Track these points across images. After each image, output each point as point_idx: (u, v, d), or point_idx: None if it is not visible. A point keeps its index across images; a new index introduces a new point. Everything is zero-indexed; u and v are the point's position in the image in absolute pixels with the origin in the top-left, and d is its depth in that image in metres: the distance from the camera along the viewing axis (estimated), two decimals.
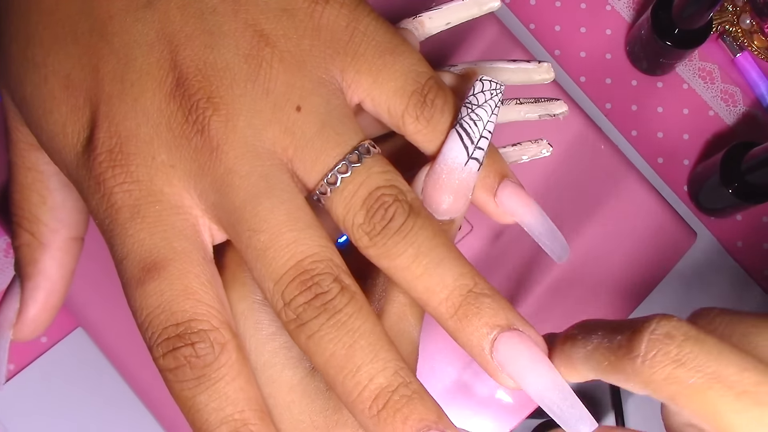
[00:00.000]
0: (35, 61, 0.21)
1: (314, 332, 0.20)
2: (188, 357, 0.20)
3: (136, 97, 0.21)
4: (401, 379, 0.20)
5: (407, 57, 0.22)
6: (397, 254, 0.21)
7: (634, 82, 0.54)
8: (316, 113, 0.21)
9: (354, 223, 0.21)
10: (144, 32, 0.21)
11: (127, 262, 0.20)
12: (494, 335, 0.20)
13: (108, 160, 0.21)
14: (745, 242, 0.53)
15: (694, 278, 0.52)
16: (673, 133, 0.54)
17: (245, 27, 0.21)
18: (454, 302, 0.21)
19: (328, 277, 0.20)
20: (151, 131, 0.21)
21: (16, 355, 0.48)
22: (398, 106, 0.22)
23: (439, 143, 0.22)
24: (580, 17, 0.55)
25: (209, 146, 0.20)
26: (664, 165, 0.54)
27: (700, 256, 0.52)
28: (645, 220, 0.34)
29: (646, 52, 0.52)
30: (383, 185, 0.21)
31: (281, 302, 0.20)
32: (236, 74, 0.21)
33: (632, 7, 0.55)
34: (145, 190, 0.21)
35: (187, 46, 0.21)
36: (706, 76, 0.55)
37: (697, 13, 0.46)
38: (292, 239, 0.20)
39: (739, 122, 0.54)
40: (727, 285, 0.53)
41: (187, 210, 0.21)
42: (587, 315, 0.32)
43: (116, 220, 0.21)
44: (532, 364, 0.20)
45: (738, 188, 0.48)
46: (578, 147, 0.34)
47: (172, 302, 0.20)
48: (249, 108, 0.21)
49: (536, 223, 0.23)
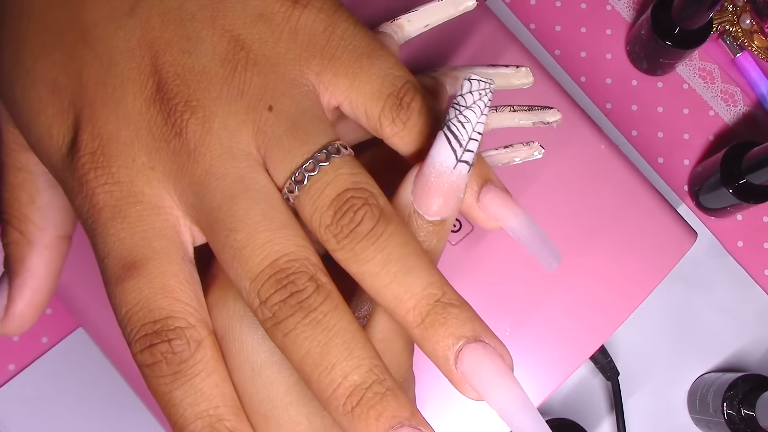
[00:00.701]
0: (25, 66, 0.22)
1: (290, 330, 0.20)
2: (165, 353, 0.20)
3: (117, 101, 0.21)
4: (375, 377, 0.20)
5: (384, 60, 0.23)
6: (365, 260, 0.21)
7: (634, 82, 0.54)
8: (287, 113, 0.21)
9: (321, 224, 0.21)
10: (126, 38, 0.21)
11: (108, 260, 0.21)
12: (459, 346, 0.20)
13: (90, 162, 0.21)
14: (745, 242, 0.53)
15: (694, 278, 0.52)
16: (673, 133, 0.54)
17: (222, 32, 0.22)
18: (421, 311, 0.20)
19: (303, 275, 0.20)
20: (132, 134, 0.21)
21: (17, 355, 0.48)
22: (374, 109, 0.22)
23: (417, 145, 0.22)
24: (580, 17, 0.55)
25: (187, 148, 0.21)
26: (664, 165, 0.54)
27: (700, 256, 0.52)
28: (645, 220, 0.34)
29: (646, 52, 0.52)
30: (352, 187, 0.21)
31: (257, 300, 0.20)
32: (212, 78, 0.21)
33: (632, 7, 0.55)
34: (126, 191, 0.21)
35: (167, 52, 0.21)
36: (706, 76, 0.55)
37: (697, 13, 0.47)
38: (267, 239, 0.20)
39: (739, 122, 0.54)
40: (727, 285, 0.53)
41: (167, 211, 0.21)
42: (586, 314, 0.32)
43: (98, 219, 0.21)
44: (496, 378, 0.20)
45: (738, 188, 0.48)
46: (578, 147, 0.34)
47: (150, 300, 0.21)
48: (224, 110, 0.21)
49: (522, 227, 0.23)
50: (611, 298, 0.33)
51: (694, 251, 0.46)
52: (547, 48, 0.54)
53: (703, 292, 0.52)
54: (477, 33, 0.35)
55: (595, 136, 0.35)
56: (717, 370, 0.52)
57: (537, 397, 0.33)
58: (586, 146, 0.34)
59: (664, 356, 0.52)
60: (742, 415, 0.46)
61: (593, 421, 0.50)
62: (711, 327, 0.52)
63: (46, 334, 0.49)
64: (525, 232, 0.23)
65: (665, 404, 0.51)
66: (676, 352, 0.52)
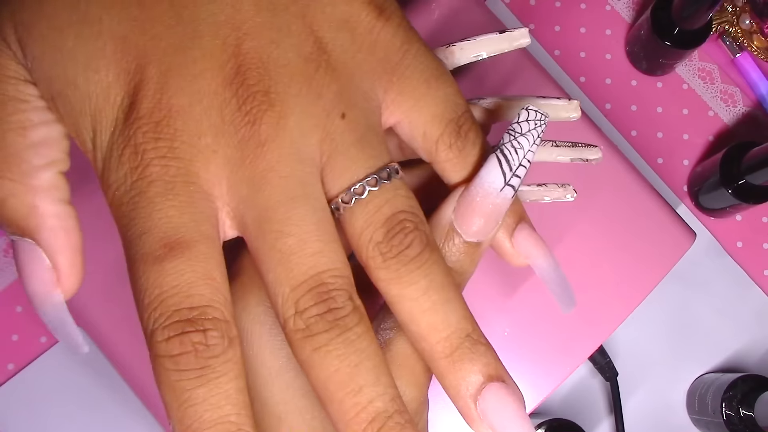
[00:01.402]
0: (88, 14, 0.20)
1: (321, 345, 0.20)
2: (197, 344, 0.19)
3: (195, 74, 0.20)
4: (397, 407, 0.20)
5: (449, 86, 0.23)
6: (408, 283, 0.21)
7: (633, 82, 0.54)
8: (357, 123, 0.21)
9: (372, 239, 0.21)
10: (215, 12, 0.21)
11: (147, 236, 0.20)
12: (483, 383, 0.20)
13: (153, 131, 0.20)
14: (745, 242, 0.53)
15: (694, 278, 0.52)
16: (672, 133, 0.54)
17: (309, 31, 0.21)
18: (452, 343, 0.21)
19: (344, 293, 0.20)
20: (202, 112, 0.20)
21: (16, 354, 0.48)
22: (435, 132, 0.23)
23: (466, 174, 0.23)
24: (580, 17, 0.55)
25: (257, 140, 0.20)
26: (664, 165, 0.54)
27: (699, 256, 0.53)
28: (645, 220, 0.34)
29: (645, 52, 0.52)
30: (407, 210, 0.21)
31: (293, 309, 0.20)
32: (295, 74, 0.21)
33: (632, 7, 0.55)
34: (184, 169, 0.20)
35: (255, 37, 0.21)
36: (705, 77, 0.55)
37: (696, 14, 0.47)
38: (318, 249, 0.20)
39: (739, 122, 0.54)
40: (727, 285, 0.53)
41: (214, 199, 0.21)
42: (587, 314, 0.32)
43: (145, 192, 0.20)
44: (514, 419, 0.20)
45: (737, 188, 0.48)
46: None
47: (192, 285, 0.19)
48: (302, 109, 0.21)
49: (549, 269, 0.23)
50: (610, 298, 0.33)
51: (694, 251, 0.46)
52: (547, 48, 0.54)
53: (703, 292, 0.52)
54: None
55: (594, 136, 0.35)
56: (716, 371, 0.52)
57: (536, 398, 0.33)
58: None
59: (663, 356, 0.52)
60: (741, 415, 0.46)
61: (592, 421, 0.50)
62: (710, 327, 0.52)
63: (45, 334, 0.49)
64: (552, 274, 0.24)
65: (664, 405, 0.51)
66: (675, 352, 0.52)
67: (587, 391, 0.50)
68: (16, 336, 0.48)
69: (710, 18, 0.48)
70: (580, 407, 0.50)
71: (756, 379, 0.46)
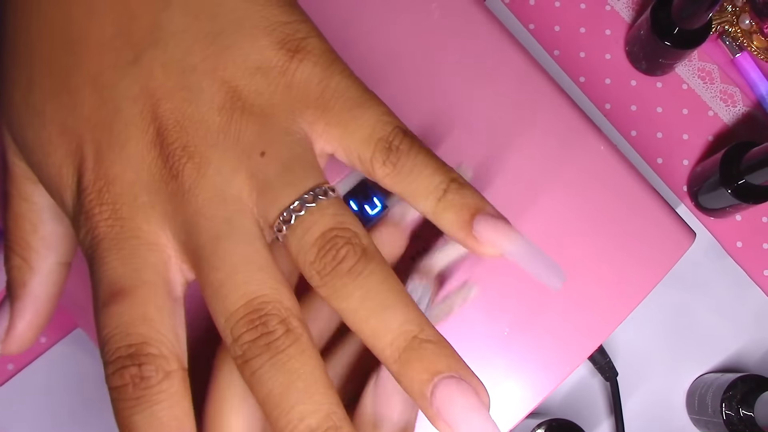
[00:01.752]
0: (36, 108, 0.24)
1: (256, 369, 0.21)
2: (133, 376, 0.21)
3: (122, 144, 0.23)
4: (331, 422, 0.21)
5: (374, 109, 0.24)
6: (345, 296, 0.22)
7: (633, 82, 0.54)
8: (278, 158, 0.23)
9: (305, 261, 0.22)
10: (129, 86, 0.23)
11: (99, 285, 0.22)
12: (435, 381, 0.21)
13: (96, 199, 0.23)
14: (745, 242, 0.53)
15: (693, 278, 0.52)
16: (672, 133, 0.54)
17: (221, 84, 0.23)
18: (398, 347, 0.21)
19: (274, 318, 0.21)
20: (135, 175, 0.23)
21: (16, 355, 0.48)
22: (366, 153, 0.24)
23: (406, 186, 0.24)
24: (579, 17, 0.55)
25: (182, 190, 0.22)
26: (663, 165, 0.54)
27: (699, 256, 0.53)
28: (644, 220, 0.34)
29: (645, 52, 0.52)
30: (336, 227, 0.22)
31: (230, 338, 0.21)
32: (210, 126, 0.23)
33: (632, 7, 0.55)
34: (126, 227, 0.23)
35: (168, 100, 0.23)
36: (705, 77, 0.55)
37: (696, 14, 0.47)
38: (244, 280, 0.21)
39: (739, 122, 0.54)
40: (727, 285, 0.53)
41: (161, 248, 0.23)
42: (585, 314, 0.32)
43: (96, 249, 0.23)
44: (468, 413, 0.21)
45: (737, 188, 0.48)
46: (577, 147, 0.34)
47: (130, 325, 0.22)
48: (219, 156, 0.22)
49: (520, 251, 0.23)
50: (610, 298, 0.33)
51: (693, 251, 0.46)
52: (547, 48, 0.54)
53: (702, 292, 0.52)
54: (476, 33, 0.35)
55: (594, 136, 0.35)
56: (716, 371, 0.52)
57: (535, 397, 0.33)
58: (585, 146, 0.34)
59: (663, 356, 0.52)
60: (741, 415, 0.46)
61: (592, 421, 0.50)
62: (710, 327, 0.52)
63: (45, 334, 0.49)
64: (525, 255, 0.23)
65: (664, 405, 0.51)
66: (674, 352, 0.52)
67: (587, 391, 0.50)
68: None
69: (710, 18, 0.48)
70: (579, 407, 0.50)
71: (756, 379, 0.46)
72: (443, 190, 0.24)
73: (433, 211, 0.24)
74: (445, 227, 0.24)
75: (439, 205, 0.23)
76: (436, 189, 0.23)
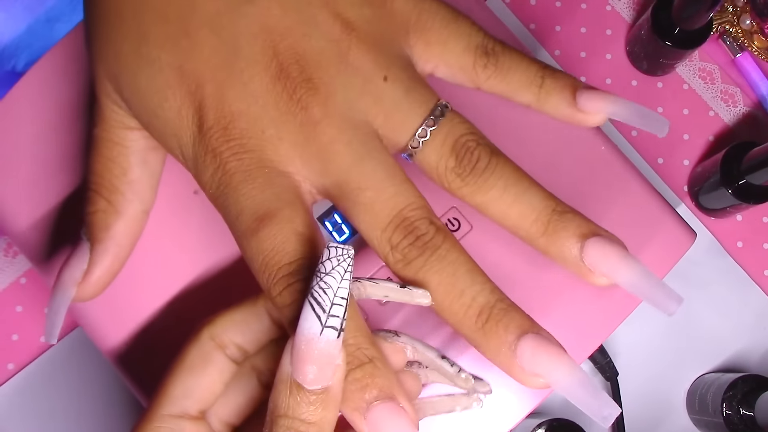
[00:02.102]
0: (149, 56, 0.24)
1: (420, 267, 0.23)
2: (300, 293, 0.22)
3: (245, 81, 0.24)
4: (497, 296, 0.24)
5: (465, 21, 0.27)
6: (488, 188, 0.25)
7: (634, 82, 0.54)
8: (400, 81, 0.25)
9: (447, 168, 0.25)
10: (248, 25, 0.24)
11: (242, 217, 0.23)
12: (582, 243, 0.24)
13: (223, 136, 0.24)
14: (745, 242, 0.53)
15: (694, 278, 0.52)
16: (673, 133, 0.54)
17: (335, 16, 0.24)
18: (543, 221, 0.25)
19: (425, 221, 0.24)
20: (260, 110, 0.24)
21: (16, 354, 0.48)
22: (468, 61, 0.27)
23: (508, 83, 0.27)
24: (580, 17, 0.55)
25: (313, 120, 0.24)
26: (664, 165, 0.54)
27: (700, 256, 0.52)
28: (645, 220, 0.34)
29: (646, 53, 0.52)
30: (466, 132, 0.25)
31: (388, 247, 0.24)
32: (330, 57, 0.24)
33: (632, 7, 0.55)
34: (256, 158, 0.24)
35: (288, 36, 0.24)
36: (706, 77, 0.55)
37: (697, 14, 0.46)
38: (393, 192, 0.24)
39: (740, 122, 0.54)
40: (727, 285, 0.52)
41: (291, 175, 0.24)
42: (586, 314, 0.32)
43: (230, 184, 0.23)
44: (623, 259, 0.24)
45: (738, 188, 0.48)
46: (578, 147, 0.34)
47: (286, 243, 0.23)
48: (344, 85, 0.24)
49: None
50: (610, 297, 0.33)
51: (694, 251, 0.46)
52: (547, 48, 0.54)
53: (703, 292, 0.52)
54: None
55: (594, 136, 0.35)
56: (716, 371, 0.51)
57: (536, 397, 0.33)
58: (586, 147, 0.34)
59: (664, 356, 0.52)
60: (741, 415, 0.46)
61: (592, 421, 0.50)
62: (710, 327, 0.52)
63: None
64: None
65: (664, 405, 0.51)
66: (675, 352, 0.52)
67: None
68: (16, 336, 0.48)
69: (711, 18, 0.48)
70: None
71: (756, 379, 0.46)
72: (541, 77, 0.27)
73: (537, 98, 0.28)
74: (551, 109, 0.28)
75: (541, 92, 0.27)
76: (535, 77, 0.27)
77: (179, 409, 0.25)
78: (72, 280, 0.27)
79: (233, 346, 0.26)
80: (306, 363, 0.21)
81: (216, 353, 0.26)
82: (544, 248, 0.25)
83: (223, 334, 0.26)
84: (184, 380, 0.25)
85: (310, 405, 0.21)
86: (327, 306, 0.21)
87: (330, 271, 0.21)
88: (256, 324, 0.26)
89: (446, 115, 0.25)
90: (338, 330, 0.21)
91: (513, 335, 0.23)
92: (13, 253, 0.50)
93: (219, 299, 0.32)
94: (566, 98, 0.28)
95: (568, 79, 0.28)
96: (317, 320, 0.21)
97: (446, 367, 0.26)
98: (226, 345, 0.26)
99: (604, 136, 0.35)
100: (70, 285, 0.27)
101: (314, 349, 0.21)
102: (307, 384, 0.21)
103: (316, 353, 0.21)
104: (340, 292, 0.21)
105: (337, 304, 0.21)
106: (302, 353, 0.21)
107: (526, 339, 0.23)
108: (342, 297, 0.21)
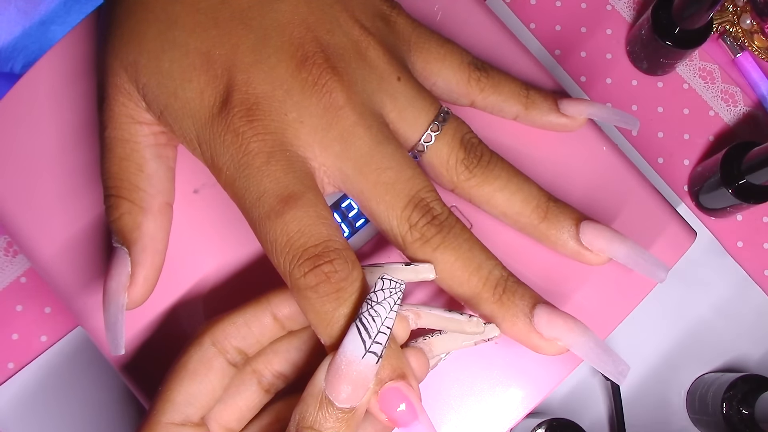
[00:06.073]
0: (176, 41, 0.25)
1: (439, 245, 0.25)
2: (328, 273, 0.23)
3: (272, 66, 0.25)
4: (507, 272, 0.26)
5: (454, 43, 0.30)
6: (494, 179, 0.28)
7: (634, 81, 0.54)
8: (412, 82, 0.27)
9: (457, 159, 0.27)
10: (277, 18, 0.26)
11: (265, 197, 0.24)
12: (578, 225, 0.28)
13: (246, 116, 0.24)
14: (745, 242, 0.53)
15: (694, 278, 0.52)
16: (673, 133, 0.54)
17: (354, 20, 0.27)
18: (543, 208, 0.28)
19: (438, 202, 0.26)
20: (284, 94, 0.25)
21: (16, 353, 0.48)
22: (463, 75, 0.30)
23: (498, 94, 0.30)
24: (580, 17, 0.55)
25: (336, 105, 0.25)
26: (664, 165, 0.54)
27: (700, 256, 0.52)
28: (645, 220, 0.34)
29: (646, 52, 0.52)
30: (468, 131, 0.28)
31: (407, 225, 0.25)
32: (351, 53, 0.26)
33: (632, 7, 0.55)
34: (278, 140, 0.24)
35: (313, 30, 0.26)
36: (706, 76, 0.55)
37: (697, 13, 0.46)
38: (411, 174, 0.25)
39: (740, 122, 0.54)
40: (728, 285, 0.52)
41: (309, 161, 0.25)
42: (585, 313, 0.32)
43: (252, 164, 0.24)
44: (613, 236, 0.28)
45: (738, 188, 0.48)
46: (579, 148, 0.34)
47: (312, 225, 0.23)
48: (363, 78, 0.26)
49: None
50: (610, 297, 0.33)
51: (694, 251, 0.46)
52: (547, 48, 0.54)
53: (703, 292, 0.52)
54: (477, 33, 0.35)
55: (595, 136, 0.35)
56: (716, 371, 0.51)
57: (535, 397, 0.33)
58: (587, 146, 0.34)
59: (663, 356, 0.52)
60: (741, 415, 0.46)
61: (592, 421, 0.50)
62: (710, 327, 0.52)
63: (46, 333, 0.49)
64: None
65: (664, 404, 0.51)
66: (675, 352, 0.52)
67: (587, 391, 0.50)
68: (16, 335, 0.48)
69: (711, 18, 0.48)
70: (580, 406, 0.50)
71: (756, 379, 0.46)
72: (526, 89, 0.31)
73: (524, 107, 0.31)
74: (538, 115, 0.31)
75: (528, 101, 0.31)
76: (521, 89, 0.31)
77: (182, 416, 0.25)
78: (121, 287, 0.26)
79: (234, 351, 0.26)
80: (342, 382, 0.22)
81: (218, 359, 0.26)
82: (544, 231, 0.28)
83: (224, 339, 0.26)
84: (187, 387, 0.25)
85: (337, 421, 0.22)
86: (373, 333, 0.22)
87: (381, 301, 0.22)
88: (257, 326, 0.26)
89: (451, 116, 0.28)
90: (378, 356, 0.22)
91: (528, 305, 0.25)
92: (13, 253, 0.49)
93: (220, 299, 0.32)
94: (550, 105, 0.31)
95: (548, 91, 0.31)
96: (362, 344, 0.22)
97: (456, 316, 0.26)
98: (227, 350, 0.26)
99: (606, 137, 0.35)
100: (120, 292, 0.26)
101: (353, 370, 0.22)
102: (338, 402, 0.22)
103: (354, 374, 0.22)
104: (387, 322, 0.22)
105: (382, 332, 0.22)
106: (341, 372, 0.22)
107: (541, 307, 0.26)
108: (387, 327, 0.22)
